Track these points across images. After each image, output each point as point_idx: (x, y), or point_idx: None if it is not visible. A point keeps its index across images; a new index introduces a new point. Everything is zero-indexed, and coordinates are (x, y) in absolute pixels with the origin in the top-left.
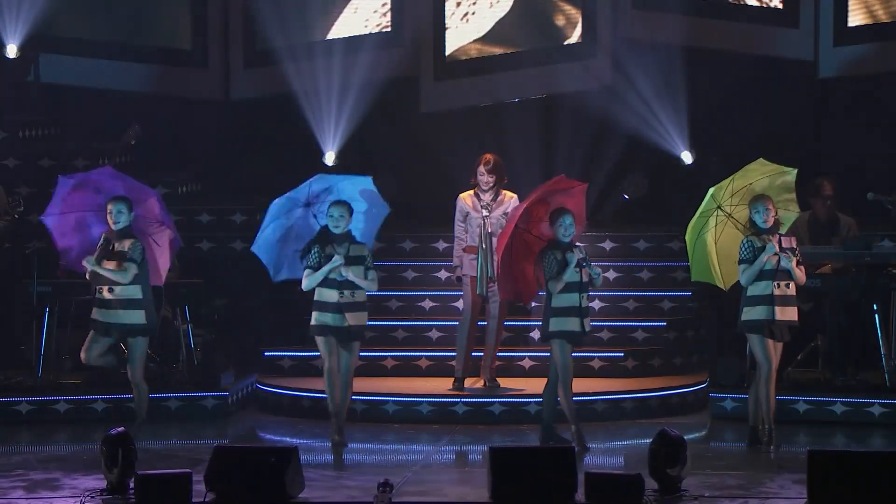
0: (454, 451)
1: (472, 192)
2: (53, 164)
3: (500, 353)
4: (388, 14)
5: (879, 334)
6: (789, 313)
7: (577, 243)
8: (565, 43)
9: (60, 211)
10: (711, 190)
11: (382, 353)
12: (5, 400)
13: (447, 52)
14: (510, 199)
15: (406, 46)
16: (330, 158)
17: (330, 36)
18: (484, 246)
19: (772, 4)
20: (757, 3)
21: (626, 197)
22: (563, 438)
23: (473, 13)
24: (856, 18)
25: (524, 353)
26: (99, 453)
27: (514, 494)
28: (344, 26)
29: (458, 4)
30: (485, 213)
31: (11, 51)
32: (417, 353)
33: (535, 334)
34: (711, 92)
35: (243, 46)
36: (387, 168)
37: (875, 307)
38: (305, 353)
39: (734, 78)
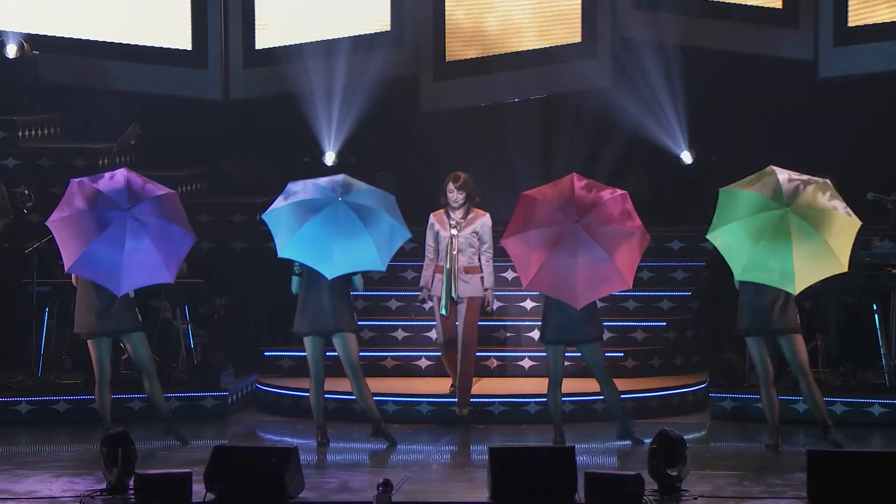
0: (454, 451)
1: (442, 210)
2: (53, 164)
3: (499, 354)
4: (388, 14)
5: (879, 334)
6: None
7: None
8: (565, 43)
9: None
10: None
11: (382, 353)
12: (5, 400)
13: (447, 52)
14: (481, 217)
15: (406, 46)
16: (330, 158)
17: (330, 36)
18: (448, 266)
19: (772, 4)
20: (757, 3)
21: None
22: (561, 438)
23: (473, 13)
24: (856, 18)
25: (524, 353)
26: (99, 453)
27: (514, 494)
28: (344, 26)
29: (458, 4)
30: (454, 231)
31: (11, 51)
32: (417, 353)
33: (535, 334)
34: (711, 92)
35: (243, 46)
36: (387, 168)
37: (875, 307)
38: (305, 353)
39: (734, 78)
